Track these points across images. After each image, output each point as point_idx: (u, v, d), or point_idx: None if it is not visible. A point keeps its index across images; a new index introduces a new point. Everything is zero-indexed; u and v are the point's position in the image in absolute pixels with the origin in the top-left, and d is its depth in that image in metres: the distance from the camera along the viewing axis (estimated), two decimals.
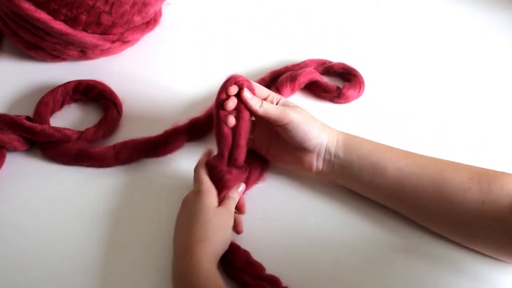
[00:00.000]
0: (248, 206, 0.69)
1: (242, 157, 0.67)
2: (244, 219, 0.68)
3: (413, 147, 0.71)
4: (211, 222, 0.62)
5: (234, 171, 0.66)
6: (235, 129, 0.66)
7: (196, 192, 0.65)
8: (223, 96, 0.66)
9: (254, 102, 0.66)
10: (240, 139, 0.66)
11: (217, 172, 0.66)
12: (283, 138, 0.68)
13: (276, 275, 0.63)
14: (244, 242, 0.66)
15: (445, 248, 0.66)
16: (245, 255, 0.64)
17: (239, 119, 0.66)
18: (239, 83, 0.66)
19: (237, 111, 0.66)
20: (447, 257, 0.66)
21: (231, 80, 0.66)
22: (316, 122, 0.68)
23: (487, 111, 0.82)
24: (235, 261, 0.63)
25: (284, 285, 0.62)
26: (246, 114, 0.66)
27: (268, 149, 0.71)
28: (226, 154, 0.66)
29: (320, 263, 0.65)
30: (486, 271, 0.65)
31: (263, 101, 0.66)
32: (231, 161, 0.66)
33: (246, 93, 0.66)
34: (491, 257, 0.65)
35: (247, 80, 0.66)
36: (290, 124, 0.66)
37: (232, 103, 0.65)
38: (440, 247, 0.66)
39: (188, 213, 0.63)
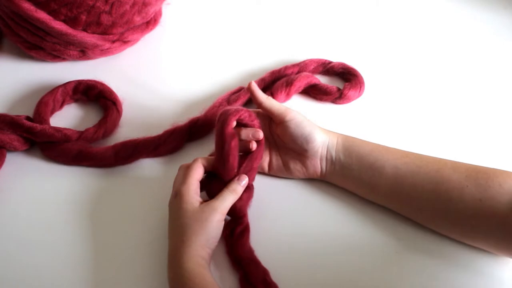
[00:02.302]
0: (252, 208, 0.69)
1: (253, 179, 0.68)
2: (257, 230, 0.68)
3: (414, 145, 0.71)
4: (189, 224, 0.61)
5: (242, 194, 0.66)
6: (251, 155, 0.67)
7: (175, 194, 0.64)
8: (230, 128, 0.64)
9: (260, 94, 0.68)
10: (255, 163, 0.67)
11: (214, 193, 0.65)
12: (286, 145, 0.69)
13: (280, 278, 0.63)
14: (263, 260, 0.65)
15: (446, 245, 0.66)
16: (264, 273, 0.63)
17: (258, 145, 0.67)
18: (242, 116, 0.65)
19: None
20: (448, 255, 0.66)
21: (234, 114, 0.64)
22: (316, 125, 0.69)
23: (487, 111, 0.82)
24: (253, 277, 0.62)
25: None
26: (263, 140, 0.68)
27: (270, 162, 0.71)
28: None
29: (326, 267, 0.65)
30: (487, 265, 0.65)
31: (268, 96, 0.69)
32: None
33: (254, 86, 0.68)
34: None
35: (247, 110, 0.66)
36: (293, 122, 0.67)
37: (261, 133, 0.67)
38: (441, 245, 0.66)
39: (171, 217, 0.64)
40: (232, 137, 0.64)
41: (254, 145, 0.67)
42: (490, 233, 0.62)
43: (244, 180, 0.66)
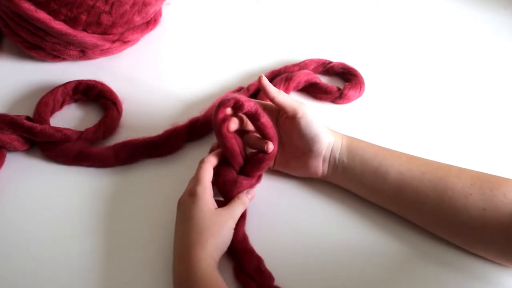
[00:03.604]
0: (258, 207, 0.69)
1: (258, 173, 0.68)
2: (253, 220, 0.68)
3: (414, 145, 0.71)
4: (206, 225, 0.61)
5: (241, 179, 0.66)
6: (263, 156, 0.66)
7: (190, 194, 0.64)
8: (220, 116, 0.64)
9: (272, 89, 0.66)
10: (265, 164, 0.67)
11: (225, 180, 0.66)
12: (291, 141, 0.68)
13: (281, 281, 0.63)
14: (258, 248, 0.66)
15: (452, 252, 0.66)
16: (258, 261, 0.63)
17: (270, 137, 0.66)
18: (236, 104, 0.64)
19: (257, 127, 0.66)
20: (453, 261, 0.65)
21: (225, 103, 0.64)
22: (324, 124, 0.68)
23: (487, 111, 0.82)
24: (246, 265, 0.63)
25: None
26: (276, 147, 0.66)
27: None
28: (236, 168, 0.67)
29: (327, 272, 0.65)
30: (491, 272, 0.65)
31: (280, 90, 0.67)
32: (244, 173, 0.67)
33: (265, 80, 0.66)
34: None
35: (241, 97, 0.65)
36: (303, 119, 0.66)
37: (234, 125, 0.66)
38: (447, 252, 0.66)
39: (184, 216, 0.63)
40: (222, 122, 0.64)
41: (270, 147, 0.66)
42: (492, 242, 0.62)
43: (251, 194, 0.67)
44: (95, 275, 0.65)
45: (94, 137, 0.75)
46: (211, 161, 0.66)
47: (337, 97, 0.80)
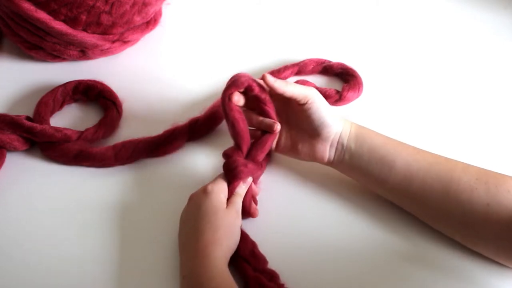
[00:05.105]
0: (260, 198, 0.70)
1: (263, 155, 0.68)
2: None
3: (413, 145, 0.71)
4: (221, 224, 0.61)
5: (250, 165, 0.66)
6: (267, 136, 0.68)
7: (204, 191, 0.64)
8: (226, 94, 0.66)
9: (279, 85, 0.66)
10: (268, 145, 0.68)
11: (232, 161, 0.66)
12: (299, 125, 0.69)
13: (278, 270, 0.63)
14: (251, 233, 0.66)
15: (451, 253, 0.66)
16: (252, 246, 0.64)
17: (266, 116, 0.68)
18: (249, 83, 0.66)
19: (263, 110, 0.68)
20: (454, 265, 0.65)
21: (237, 81, 0.66)
22: (333, 110, 0.68)
23: (487, 111, 0.82)
24: (241, 250, 0.63)
25: (282, 282, 0.62)
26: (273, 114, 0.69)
27: (279, 140, 0.71)
28: (244, 149, 0.67)
29: (324, 265, 0.65)
30: (489, 274, 0.64)
31: (286, 82, 0.67)
32: (250, 157, 0.67)
33: (269, 78, 0.66)
34: (497, 264, 0.64)
35: (253, 80, 0.67)
36: (314, 104, 0.66)
37: (237, 97, 0.67)
38: (448, 255, 0.66)
39: (197, 212, 0.63)
40: (231, 100, 0.66)
41: (278, 126, 0.68)
42: (492, 238, 0.62)
43: (247, 182, 0.66)
44: (94, 274, 0.65)
45: (94, 137, 0.75)
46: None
47: (337, 100, 0.80)
